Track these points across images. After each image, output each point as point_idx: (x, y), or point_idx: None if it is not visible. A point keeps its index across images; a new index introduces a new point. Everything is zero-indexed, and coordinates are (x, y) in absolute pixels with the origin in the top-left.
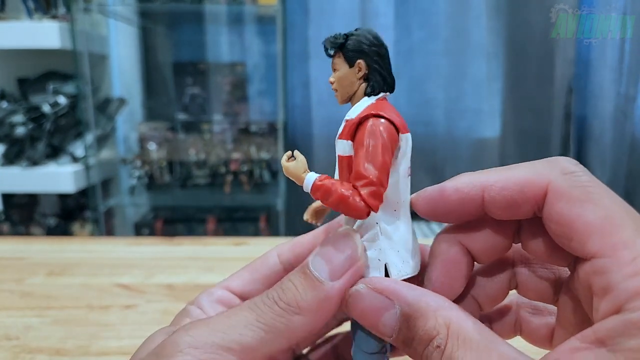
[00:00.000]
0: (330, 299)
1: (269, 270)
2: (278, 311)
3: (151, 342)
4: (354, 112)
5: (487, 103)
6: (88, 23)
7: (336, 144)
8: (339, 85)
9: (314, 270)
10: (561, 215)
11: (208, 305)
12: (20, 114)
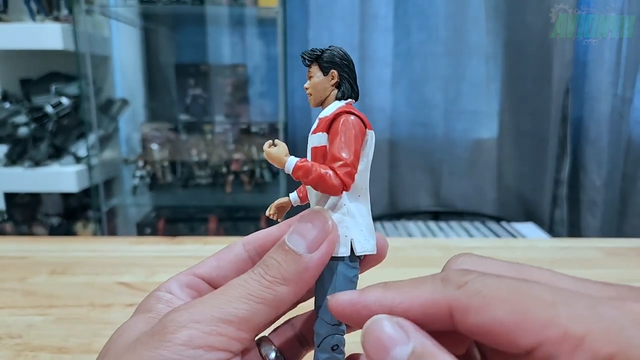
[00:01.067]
0: (309, 270)
1: (234, 257)
2: (266, 284)
3: (131, 330)
4: (328, 112)
5: (485, 104)
6: (90, 24)
7: (310, 139)
8: (313, 90)
9: (292, 245)
10: (477, 327)
11: (178, 290)
12: (23, 115)
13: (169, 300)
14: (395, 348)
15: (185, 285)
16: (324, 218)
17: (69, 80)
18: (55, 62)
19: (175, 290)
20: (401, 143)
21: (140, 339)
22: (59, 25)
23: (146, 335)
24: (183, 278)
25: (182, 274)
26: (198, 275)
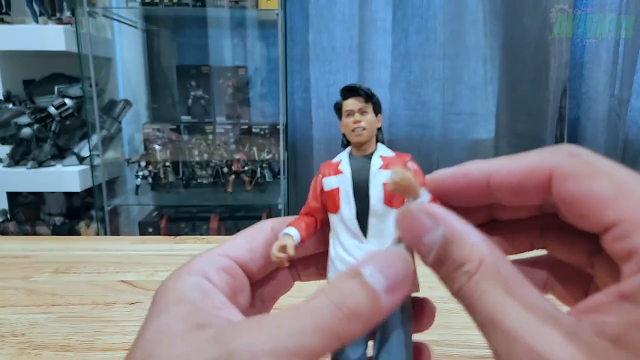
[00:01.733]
0: (382, 312)
1: (265, 242)
2: (340, 317)
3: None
4: (387, 152)
5: (482, 105)
6: (93, 26)
7: (377, 173)
8: (369, 126)
9: (371, 280)
10: (571, 194)
11: (216, 276)
12: (26, 115)
13: (207, 289)
14: (426, 235)
15: (222, 269)
16: (408, 263)
17: (72, 82)
18: (58, 64)
19: (213, 276)
20: (399, 144)
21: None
22: (62, 27)
23: (217, 353)
24: (219, 260)
25: (215, 253)
26: (232, 258)
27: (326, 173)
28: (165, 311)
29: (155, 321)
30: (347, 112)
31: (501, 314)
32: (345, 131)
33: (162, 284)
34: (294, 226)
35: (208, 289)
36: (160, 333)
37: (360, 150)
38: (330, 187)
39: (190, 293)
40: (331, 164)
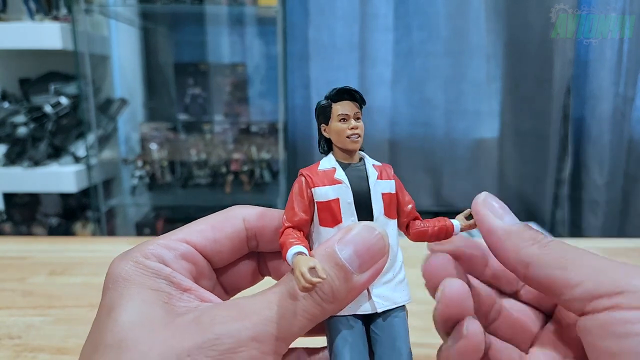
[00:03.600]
0: (356, 290)
1: (233, 233)
2: (317, 300)
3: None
4: (371, 160)
5: (486, 104)
6: (89, 24)
7: (377, 184)
8: (362, 133)
9: (346, 262)
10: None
11: (173, 261)
12: (22, 114)
13: (170, 275)
14: (507, 215)
15: (181, 256)
16: (383, 239)
17: (68, 80)
18: (54, 62)
19: (171, 261)
20: (401, 143)
21: (188, 350)
22: (58, 24)
23: (195, 347)
24: (177, 246)
25: (173, 239)
26: (193, 245)
27: (318, 182)
28: (134, 296)
29: (125, 306)
30: (342, 117)
31: None
32: (338, 137)
33: (114, 267)
34: (303, 245)
35: (170, 274)
36: (136, 318)
37: (350, 157)
38: (327, 198)
39: (155, 278)
40: (322, 172)
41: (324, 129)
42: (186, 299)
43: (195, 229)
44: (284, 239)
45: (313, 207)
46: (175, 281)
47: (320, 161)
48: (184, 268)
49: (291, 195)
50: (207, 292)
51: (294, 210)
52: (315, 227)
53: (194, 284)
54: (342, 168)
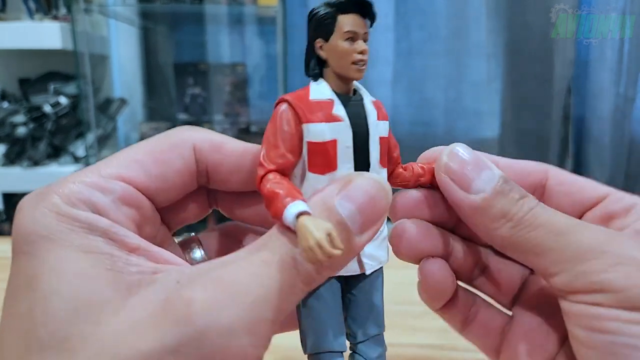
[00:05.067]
0: (355, 252)
1: (182, 167)
2: (315, 268)
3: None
4: (369, 95)
5: (486, 103)
6: (89, 24)
7: (376, 125)
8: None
9: (346, 217)
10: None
11: (111, 208)
12: (21, 114)
13: (107, 230)
14: (484, 171)
15: (120, 199)
16: (386, 192)
17: (67, 80)
18: (53, 62)
19: (108, 208)
20: (402, 142)
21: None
22: (58, 24)
23: (170, 349)
24: (112, 186)
25: (102, 175)
26: (132, 183)
27: (311, 117)
28: (63, 266)
29: (53, 283)
30: (350, 35)
31: (581, 222)
32: (341, 61)
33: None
34: (303, 200)
35: (110, 228)
36: (74, 302)
37: (346, 87)
38: (323, 138)
39: (89, 236)
40: (315, 103)
41: (319, 45)
42: (135, 263)
43: (131, 159)
44: (272, 187)
45: (302, 147)
46: (117, 237)
47: (309, 87)
48: (125, 216)
49: (273, 129)
50: (159, 249)
51: (278, 148)
52: (301, 171)
53: (141, 239)
54: (341, 101)
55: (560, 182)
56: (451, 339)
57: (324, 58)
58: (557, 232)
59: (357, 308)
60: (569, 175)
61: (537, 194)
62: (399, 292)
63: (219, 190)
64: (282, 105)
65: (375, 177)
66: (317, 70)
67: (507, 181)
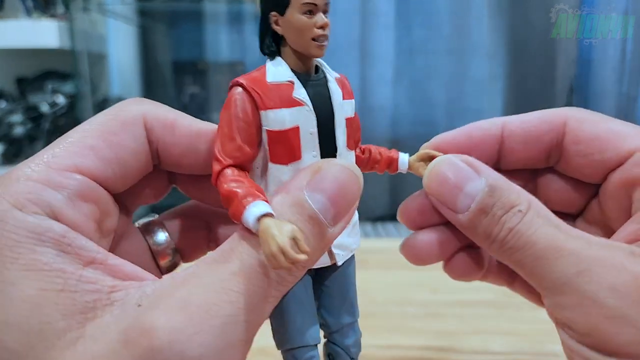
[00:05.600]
0: (328, 246)
1: (137, 146)
2: (294, 270)
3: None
4: (332, 71)
5: (488, 102)
6: (87, 22)
7: (341, 105)
8: (329, 34)
9: (320, 213)
10: (588, 133)
11: (66, 208)
12: (18, 114)
13: (59, 239)
14: (468, 184)
15: (77, 194)
16: (356, 178)
17: (65, 79)
18: (51, 61)
19: (63, 208)
20: (403, 142)
21: None
22: (55, 23)
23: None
24: (67, 181)
25: (54, 167)
26: (88, 174)
27: (270, 103)
28: (6, 288)
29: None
30: (308, 7)
31: (563, 241)
32: (298, 36)
33: None
34: (264, 200)
35: (63, 237)
36: (21, 332)
37: (306, 65)
38: (283, 126)
39: (39, 249)
40: (274, 86)
41: (274, 20)
42: (91, 279)
43: (84, 146)
44: (229, 187)
45: (261, 135)
46: (71, 249)
47: (264, 67)
48: (84, 215)
49: (228, 117)
50: (119, 260)
51: (234, 141)
52: (261, 162)
53: (99, 248)
54: (302, 82)
55: (578, 140)
56: (451, 341)
57: (280, 34)
58: (536, 257)
59: (330, 298)
60: (589, 130)
61: (553, 157)
62: (398, 293)
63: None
64: (236, 90)
65: (344, 162)
66: (273, 48)
67: (494, 190)
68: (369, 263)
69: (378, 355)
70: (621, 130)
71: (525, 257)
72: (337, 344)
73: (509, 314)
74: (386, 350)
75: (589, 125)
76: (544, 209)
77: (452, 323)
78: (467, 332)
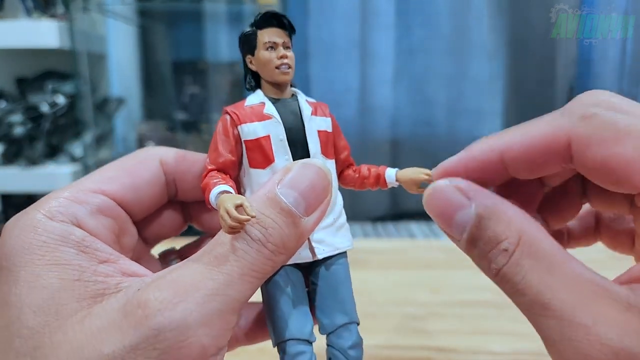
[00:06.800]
0: (304, 235)
1: (151, 177)
2: (267, 254)
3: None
4: (304, 96)
5: (488, 102)
6: (87, 22)
7: (311, 120)
8: (293, 63)
9: (290, 203)
10: (596, 161)
11: (89, 219)
12: (18, 114)
13: (82, 241)
14: (457, 213)
15: (97, 210)
16: (324, 173)
17: (65, 79)
18: (51, 61)
19: (88, 221)
20: (403, 142)
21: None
22: (55, 23)
23: (129, 350)
24: (92, 199)
25: (84, 189)
26: (110, 195)
27: (245, 119)
28: (33, 279)
29: (24, 296)
30: (269, 44)
31: (549, 295)
32: (265, 68)
33: (8, 234)
34: (229, 185)
35: (83, 240)
36: (43, 314)
37: (280, 92)
38: (256, 135)
39: (62, 248)
40: (250, 108)
41: (249, 61)
42: (103, 273)
43: (106, 176)
44: (207, 181)
45: (241, 147)
46: (89, 250)
47: (246, 98)
48: (103, 226)
49: (215, 136)
50: (129, 261)
51: (218, 151)
52: (245, 170)
53: (113, 251)
54: (272, 103)
55: (587, 170)
56: (451, 341)
57: (255, 70)
58: (525, 308)
59: (321, 297)
60: (595, 158)
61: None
62: (398, 293)
63: (191, 204)
64: (223, 116)
65: (312, 160)
66: (252, 83)
67: (481, 221)
68: (369, 263)
69: (378, 355)
70: (630, 159)
71: (517, 304)
72: (334, 347)
73: (509, 314)
74: (386, 350)
75: (595, 152)
76: (536, 242)
77: (452, 323)
78: (467, 332)
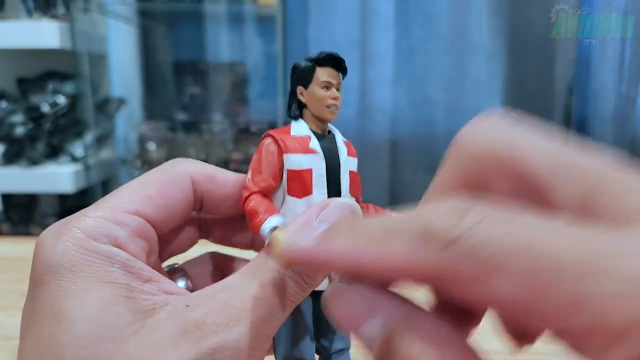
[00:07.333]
0: None
1: (184, 198)
2: (302, 284)
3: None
4: (341, 136)
5: (488, 103)
6: (87, 23)
7: (346, 161)
8: (339, 105)
9: None
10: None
11: (128, 242)
12: (19, 114)
13: (126, 262)
14: (362, 325)
15: (135, 233)
16: (357, 213)
17: (65, 79)
18: (52, 61)
19: (128, 243)
20: (402, 142)
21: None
22: (56, 23)
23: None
24: (128, 221)
25: (120, 210)
26: (143, 217)
27: (292, 149)
28: (86, 295)
29: (78, 310)
30: (325, 84)
31: None
32: (317, 104)
33: (48, 251)
34: (278, 214)
35: (128, 261)
36: (98, 327)
37: (323, 127)
38: (301, 167)
39: (109, 267)
40: (296, 138)
41: (300, 92)
42: (149, 291)
43: (142, 195)
44: (253, 206)
45: (282, 174)
46: (134, 270)
47: (290, 125)
48: (140, 249)
49: (259, 158)
50: (168, 280)
51: (262, 174)
52: (281, 195)
53: (153, 271)
54: (317, 138)
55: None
56: None
57: (303, 102)
58: None
59: (325, 324)
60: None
61: None
62: None
63: (210, 220)
64: (267, 139)
65: (347, 200)
66: (297, 112)
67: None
68: None
69: None
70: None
71: None
72: None
73: None
74: None
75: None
76: None
77: None
78: None
